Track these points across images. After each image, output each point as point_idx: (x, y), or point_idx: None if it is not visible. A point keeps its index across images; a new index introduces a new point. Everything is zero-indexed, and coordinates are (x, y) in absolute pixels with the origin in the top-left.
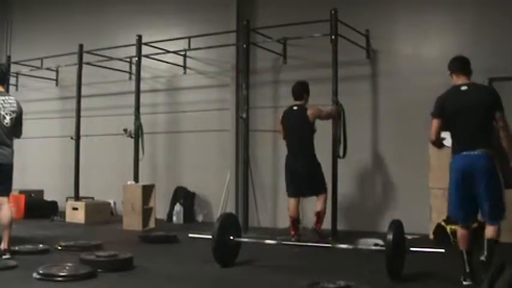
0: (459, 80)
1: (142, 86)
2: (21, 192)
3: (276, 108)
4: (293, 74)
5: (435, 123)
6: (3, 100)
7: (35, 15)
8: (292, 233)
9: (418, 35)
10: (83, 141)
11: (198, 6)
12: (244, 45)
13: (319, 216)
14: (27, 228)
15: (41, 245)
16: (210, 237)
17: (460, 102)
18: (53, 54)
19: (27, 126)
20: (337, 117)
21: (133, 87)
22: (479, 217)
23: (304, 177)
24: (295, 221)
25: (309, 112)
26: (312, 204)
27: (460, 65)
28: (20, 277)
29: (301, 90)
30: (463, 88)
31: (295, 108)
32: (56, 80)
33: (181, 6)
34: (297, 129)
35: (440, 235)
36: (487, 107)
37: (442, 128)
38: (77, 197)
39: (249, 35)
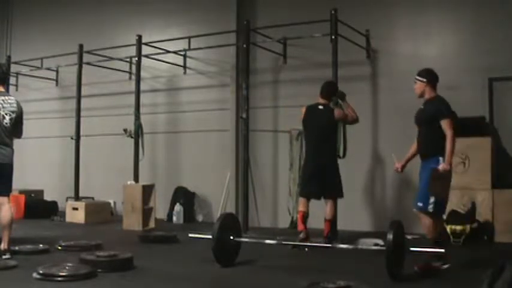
0: (433, 93)
1: (142, 86)
2: (21, 192)
3: (276, 108)
4: (293, 74)
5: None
6: (3, 100)
7: (35, 15)
8: (301, 227)
9: (418, 35)
10: (83, 141)
11: (198, 6)
12: (244, 45)
13: (331, 223)
14: (27, 228)
15: (41, 245)
16: (210, 237)
17: None
18: (53, 54)
19: (27, 126)
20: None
21: (133, 87)
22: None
23: (325, 178)
24: (306, 217)
25: (336, 113)
26: (311, 204)
27: (437, 80)
28: (20, 277)
29: (330, 90)
30: None
31: (320, 107)
32: (56, 80)
33: (181, 6)
34: (321, 128)
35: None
36: None
37: None
38: (77, 197)
39: (249, 35)
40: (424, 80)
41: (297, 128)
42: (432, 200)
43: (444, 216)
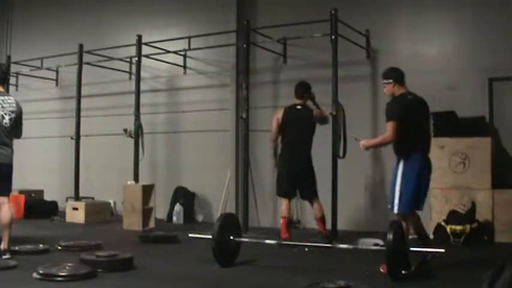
0: (402, 89)
1: (142, 86)
2: (21, 192)
3: (276, 108)
4: (293, 74)
5: (396, 125)
6: (2, 100)
7: (35, 15)
8: (286, 235)
9: (418, 35)
10: (83, 141)
11: (198, 6)
12: (244, 45)
13: (324, 219)
14: (27, 228)
15: (41, 245)
16: (210, 237)
17: (412, 109)
18: (53, 54)
19: (27, 126)
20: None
21: (133, 87)
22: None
23: (304, 178)
24: (290, 222)
25: (315, 112)
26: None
27: (403, 75)
28: (20, 277)
29: (303, 90)
30: (410, 97)
31: (298, 107)
32: (56, 80)
33: (181, 6)
34: (303, 129)
35: (440, 235)
36: (426, 115)
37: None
38: (77, 197)
39: (249, 35)
40: (391, 80)
41: None
42: (397, 200)
43: (444, 216)
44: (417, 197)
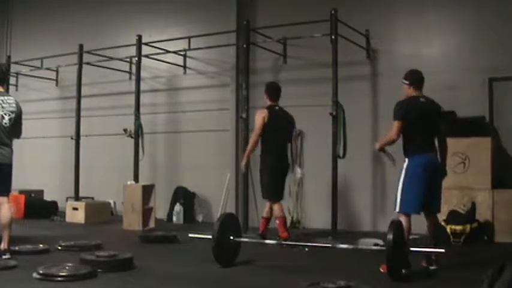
0: (416, 92)
1: (142, 86)
2: (21, 192)
3: None
4: (293, 74)
5: (399, 125)
6: (2, 100)
7: (35, 15)
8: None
9: (418, 35)
10: (83, 141)
11: (198, 6)
12: (244, 45)
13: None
14: (27, 228)
15: (41, 245)
16: (210, 237)
17: (421, 111)
18: (53, 54)
19: (27, 126)
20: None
21: (133, 87)
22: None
23: (285, 178)
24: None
25: (292, 116)
26: (311, 204)
27: (421, 79)
28: (20, 277)
29: (279, 92)
30: (422, 100)
31: (277, 108)
32: (56, 80)
33: (181, 6)
34: (285, 130)
35: None
36: (436, 119)
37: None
38: (77, 197)
39: (249, 35)
40: (407, 82)
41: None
42: (398, 199)
43: (444, 216)
44: (421, 199)
